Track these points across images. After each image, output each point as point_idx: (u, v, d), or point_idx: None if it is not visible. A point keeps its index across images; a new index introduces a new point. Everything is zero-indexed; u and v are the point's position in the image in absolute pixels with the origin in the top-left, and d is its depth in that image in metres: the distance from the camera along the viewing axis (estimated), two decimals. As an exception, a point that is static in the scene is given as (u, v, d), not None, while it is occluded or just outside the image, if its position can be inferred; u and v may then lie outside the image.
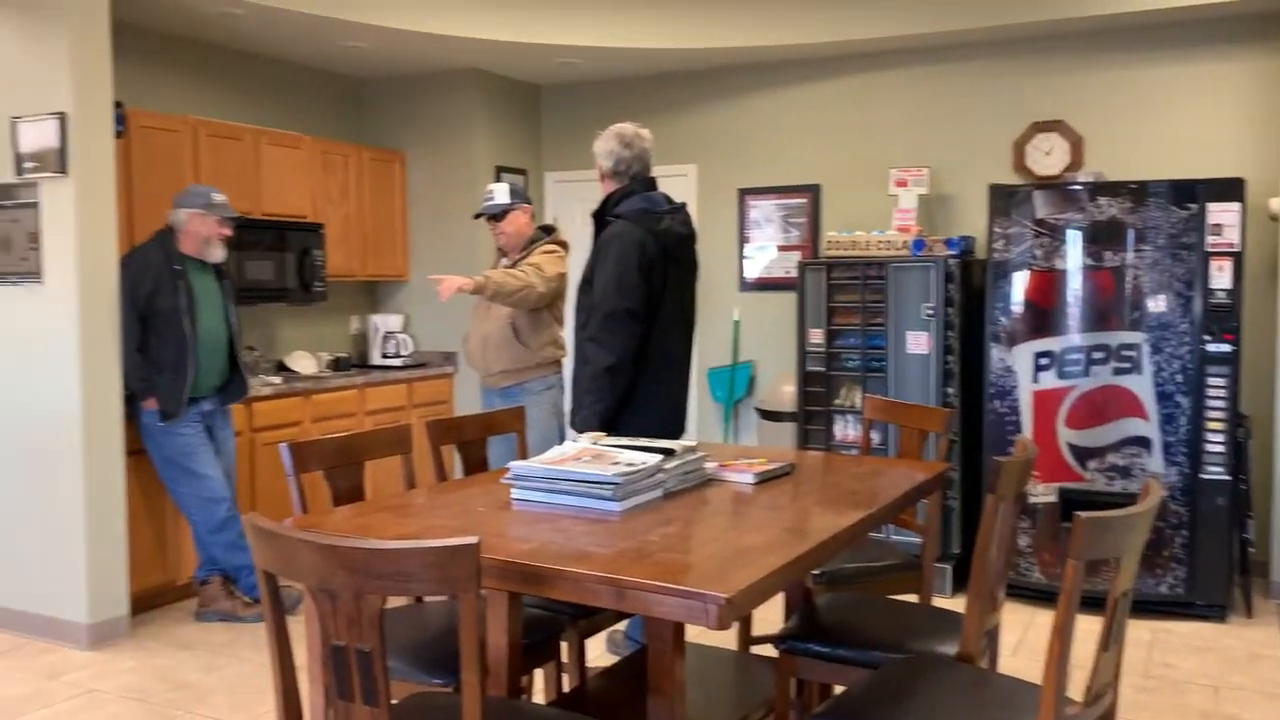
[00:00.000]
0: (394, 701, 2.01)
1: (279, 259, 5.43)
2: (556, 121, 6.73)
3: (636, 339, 3.37)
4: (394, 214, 6.33)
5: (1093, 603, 2.26)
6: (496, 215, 4.45)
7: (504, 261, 4.53)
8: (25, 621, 4.30)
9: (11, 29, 4.17)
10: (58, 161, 4.07)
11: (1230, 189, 4.35)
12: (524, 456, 3.23)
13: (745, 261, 6.22)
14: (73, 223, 4.07)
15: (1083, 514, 1.70)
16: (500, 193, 4.47)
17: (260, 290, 5.35)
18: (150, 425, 4.35)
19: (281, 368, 5.80)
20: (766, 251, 6.16)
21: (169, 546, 4.64)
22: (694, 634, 4.15)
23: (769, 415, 5.71)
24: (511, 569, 1.87)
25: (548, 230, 4.57)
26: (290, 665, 1.77)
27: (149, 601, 4.58)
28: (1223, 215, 4.34)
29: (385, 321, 6.30)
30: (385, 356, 6.21)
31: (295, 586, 2.56)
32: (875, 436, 5.00)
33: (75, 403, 4.09)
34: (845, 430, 5.21)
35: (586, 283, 3.46)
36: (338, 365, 5.94)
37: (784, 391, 5.65)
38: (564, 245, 4.53)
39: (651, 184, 3.56)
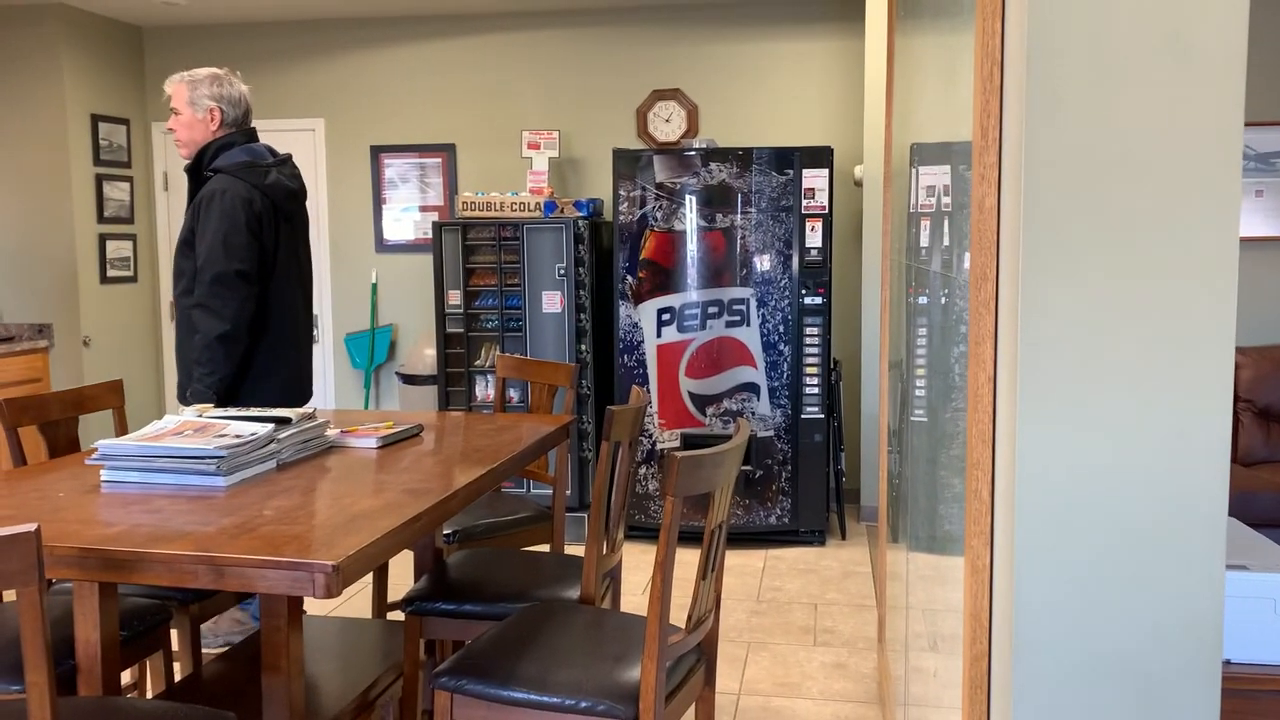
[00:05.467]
0: (-45, 719, 1.78)
1: None
2: (164, 68, 6.14)
3: (251, 302, 3.17)
4: (-36, 166, 5.51)
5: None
6: None
7: None
8: None
9: None
10: None
11: (820, 156, 4.82)
12: (125, 432, 2.95)
13: (382, 222, 6.05)
14: None
15: (677, 453, 1.82)
16: None
17: None
18: None
19: None
20: (410, 213, 6.03)
21: None
22: (327, 607, 4.03)
23: (410, 379, 5.62)
24: (91, 556, 1.69)
25: None
26: None
27: None
28: (815, 180, 4.81)
29: (-41, 290, 5.49)
30: (-39, 331, 5.42)
31: None
32: (514, 394, 5.09)
33: None
34: (486, 390, 5.25)
35: (186, 243, 3.19)
36: (-103, 342, 5.10)
37: (425, 354, 5.59)
38: None
39: (252, 135, 3.35)
